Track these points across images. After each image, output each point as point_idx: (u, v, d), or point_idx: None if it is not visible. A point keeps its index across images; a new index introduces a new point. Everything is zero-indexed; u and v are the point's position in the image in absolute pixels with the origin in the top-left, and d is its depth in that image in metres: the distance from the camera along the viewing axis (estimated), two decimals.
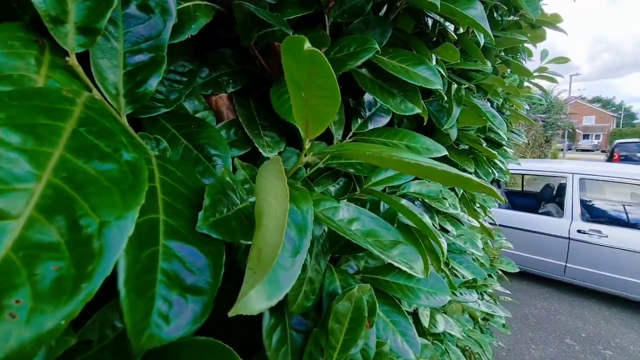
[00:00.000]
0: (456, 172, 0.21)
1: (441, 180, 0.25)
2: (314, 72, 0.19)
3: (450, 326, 0.82)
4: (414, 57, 0.44)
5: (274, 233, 0.17)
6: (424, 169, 0.22)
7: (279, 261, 0.19)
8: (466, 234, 0.88)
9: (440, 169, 0.21)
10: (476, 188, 0.22)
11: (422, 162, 0.21)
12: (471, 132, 0.89)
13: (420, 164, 0.21)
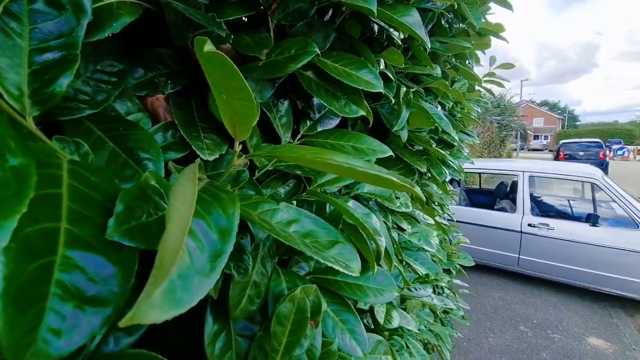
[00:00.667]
0: (375, 172, 0.22)
1: (363, 180, 0.26)
2: (227, 74, 0.19)
3: (407, 321, 0.85)
4: (357, 61, 0.45)
5: (176, 237, 0.16)
6: (345, 170, 0.23)
7: (195, 266, 0.19)
8: (421, 232, 0.92)
9: (360, 170, 0.22)
10: (397, 187, 0.23)
11: (343, 163, 0.22)
12: (423, 134, 0.93)
13: (341, 165, 0.22)
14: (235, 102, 0.21)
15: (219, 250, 0.20)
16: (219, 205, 0.22)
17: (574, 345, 2.84)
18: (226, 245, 0.21)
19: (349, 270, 0.30)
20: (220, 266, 0.20)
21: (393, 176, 0.23)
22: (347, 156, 0.26)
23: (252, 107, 0.22)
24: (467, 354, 2.73)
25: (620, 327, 3.12)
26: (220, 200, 0.23)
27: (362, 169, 0.22)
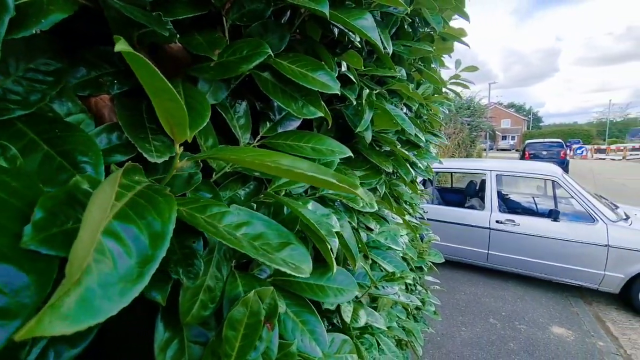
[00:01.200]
0: (312, 173, 0.22)
1: (302, 181, 0.26)
2: (149, 74, 0.18)
3: (376, 319, 0.86)
4: (313, 63, 0.46)
5: (85, 244, 0.16)
6: (283, 171, 0.23)
7: (119, 272, 0.18)
8: (388, 231, 0.94)
9: (297, 171, 0.22)
10: (336, 188, 0.24)
11: (282, 165, 0.22)
12: (389, 135, 0.95)
13: (279, 167, 0.22)
14: (166, 104, 0.21)
15: (150, 255, 0.20)
16: (154, 209, 0.22)
17: (539, 334, 3.00)
18: (158, 251, 0.20)
19: (298, 271, 0.30)
20: (149, 272, 0.19)
21: (332, 177, 0.23)
22: (292, 159, 0.26)
23: (180, 109, 0.21)
24: (441, 348, 2.81)
25: (580, 315, 3.33)
26: (155, 204, 0.22)
27: (298, 170, 0.22)
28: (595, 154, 25.71)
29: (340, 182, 0.24)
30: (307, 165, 0.28)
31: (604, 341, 2.91)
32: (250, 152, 0.25)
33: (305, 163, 0.28)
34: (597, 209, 3.43)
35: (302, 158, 0.29)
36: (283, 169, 0.22)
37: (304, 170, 0.22)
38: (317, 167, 0.28)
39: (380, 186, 1.00)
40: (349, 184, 0.25)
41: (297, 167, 0.22)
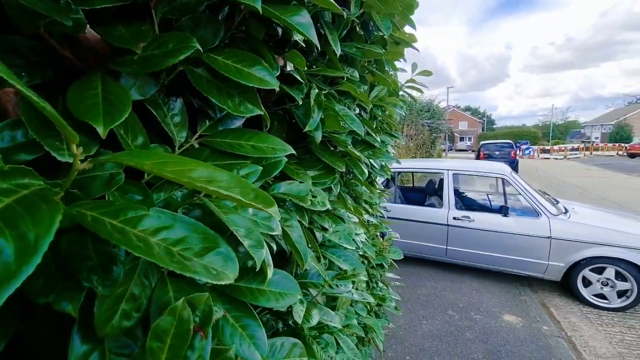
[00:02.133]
0: (214, 188, 0.22)
1: (204, 191, 0.25)
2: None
3: (331, 318, 0.86)
4: (250, 58, 0.45)
5: None
6: (184, 181, 0.22)
7: None
8: (342, 231, 0.95)
9: (167, 174, 0.21)
10: (243, 204, 0.23)
11: (178, 171, 0.21)
12: (342, 136, 0.96)
13: (154, 168, 0.21)
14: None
15: (13, 271, 0.18)
16: (32, 218, 0.19)
17: (492, 323, 3.20)
18: (25, 266, 0.18)
19: (220, 278, 0.29)
20: (8, 290, 0.17)
21: (236, 194, 0.23)
22: (196, 163, 0.25)
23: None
24: (403, 341, 2.90)
25: (528, 303, 3.60)
26: (35, 212, 0.20)
27: (169, 173, 0.21)
28: (541, 153, 28.03)
29: (252, 199, 0.23)
30: (226, 178, 0.27)
31: (548, 325, 3.16)
32: (153, 156, 0.23)
33: (225, 176, 0.27)
34: (541, 204, 3.73)
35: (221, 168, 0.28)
36: (168, 172, 0.21)
37: (204, 184, 0.21)
38: (236, 181, 0.27)
39: (335, 186, 1.01)
40: (262, 201, 0.25)
41: (198, 178, 0.21)
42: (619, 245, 3.28)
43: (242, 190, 0.27)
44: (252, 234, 0.37)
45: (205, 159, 0.46)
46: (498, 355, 2.71)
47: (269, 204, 0.25)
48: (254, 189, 0.27)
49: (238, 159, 0.46)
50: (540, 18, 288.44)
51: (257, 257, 0.34)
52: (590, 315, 3.34)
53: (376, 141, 1.23)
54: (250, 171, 0.45)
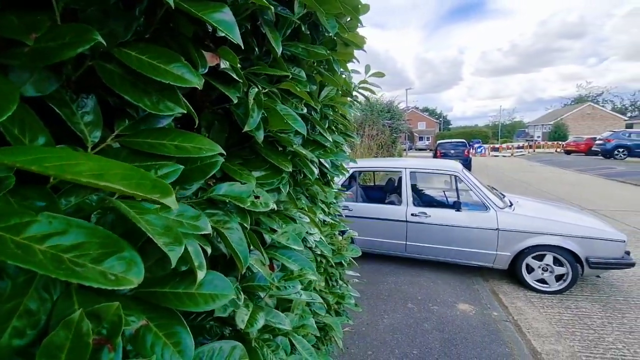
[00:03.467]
0: (73, 173, 0.20)
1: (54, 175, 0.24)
2: None
3: (280, 320, 0.86)
4: (167, 54, 0.42)
5: None
6: (48, 169, 0.20)
7: None
8: (290, 231, 0.94)
9: (48, 170, 0.20)
10: (97, 186, 0.22)
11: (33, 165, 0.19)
12: (289, 135, 0.95)
13: (28, 164, 0.19)
14: None
15: None
16: None
17: (448, 312, 3.37)
18: None
19: (119, 284, 0.27)
20: None
21: (123, 185, 0.22)
22: (87, 157, 0.23)
23: None
24: (366, 337, 2.96)
25: (480, 291, 3.84)
26: None
27: (86, 178, 0.20)
28: (491, 152, 30.13)
29: (148, 190, 0.22)
30: (122, 171, 0.25)
31: (497, 311, 3.40)
32: (27, 153, 0.21)
33: (120, 169, 0.25)
34: (489, 198, 4.00)
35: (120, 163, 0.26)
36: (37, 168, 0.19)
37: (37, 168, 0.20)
38: (134, 174, 0.26)
39: (284, 186, 1.00)
40: (159, 192, 0.23)
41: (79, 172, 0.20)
42: (556, 234, 3.62)
43: (139, 182, 0.25)
44: (170, 232, 0.35)
45: (124, 160, 0.43)
46: (453, 343, 2.86)
47: (165, 194, 0.24)
48: (153, 180, 0.26)
49: (160, 159, 0.44)
50: (488, 25, 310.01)
51: (172, 255, 0.33)
52: (534, 299, 3.64)
53: (327, 141, 1.24)
54: (170, 171, 0.43)
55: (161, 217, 0.37)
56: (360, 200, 4.86)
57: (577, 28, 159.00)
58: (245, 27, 0.71)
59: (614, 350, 2.74)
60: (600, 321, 3.17)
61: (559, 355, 2.72)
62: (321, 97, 1.23)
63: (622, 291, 3.74)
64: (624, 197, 8.93)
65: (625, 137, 19.04)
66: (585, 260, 3.51)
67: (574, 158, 22.00)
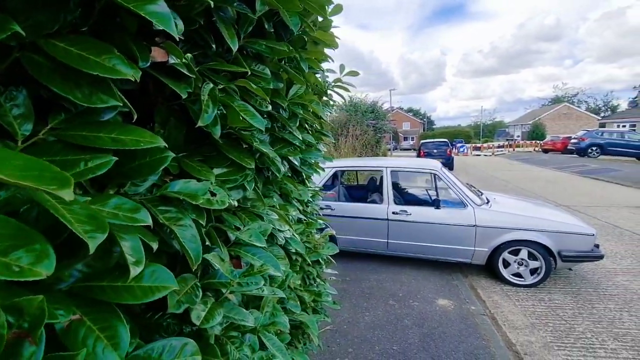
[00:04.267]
0: None
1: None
2: None
3: (243, 317, 0.85)
4: (99, 46, 0.42)
5: None
6: None
7: None
8: (253, 229, 0.94)
9: None
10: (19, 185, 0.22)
11: None
12: (254, 132, 0.96)
13: None
14: None
15: None
16: None
17: (428, 308, 3.43)
18: None
19: (24, 275, 0.27)
20: None
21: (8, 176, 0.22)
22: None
23: None
24: (347, 334, 2.98)
25: (459, 287, 3.93)
26: None
27: None
28: (473, 151, 30.85)
29: (35, 181, 0.22)
30: (22, 162, 0.25)
31: (475, 305, 3.49)
32: None
33: (21, 160, 0.25)
34: (467, 196, 4.10)
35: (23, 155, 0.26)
36: None
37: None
38: (33, 165, 0.26)
39: (249, 183, 1.00)
40: (56, 183, 0.23)
41: None
42: (530, 229, 3.74)
43: (40, 174, 0.25)
44: (94, 220, 0.35)
45: (55, 153, 0.42)
46: (432, 337, 2.91)
47: (63, 186, 0.24)
48: (55, 173, 0.26)
49: (95, 152, 0.44)
50: (469, 28, 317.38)
51: (91, 242, 0.32)
52: (510, 293, 3.75)
53: (296, 138, 1.25)
54: (101, 162, 0.42)
55: (88, 207, 0.37)
56: (342, 199, 4.88)
57: (554, 31, 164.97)
58: (199, 22, 0.71)
59: (583, 340, 2.85)
60: (571, 312, 3.30)
61: (532, 345, 2.82)
62: (290, 95, 1.24)
63: (592, 283, 3.90)
64: (596, 193, 9.32)
65: (598, 136, 19.87)
66: (558, 254, 3.64)
67: (550, 156, 22.79)
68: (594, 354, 2.67)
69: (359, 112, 13.50)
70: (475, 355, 2.68)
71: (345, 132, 11.32)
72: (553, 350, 2.74)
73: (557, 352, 2.71)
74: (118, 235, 0.45)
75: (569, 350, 2.73)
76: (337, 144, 11.05)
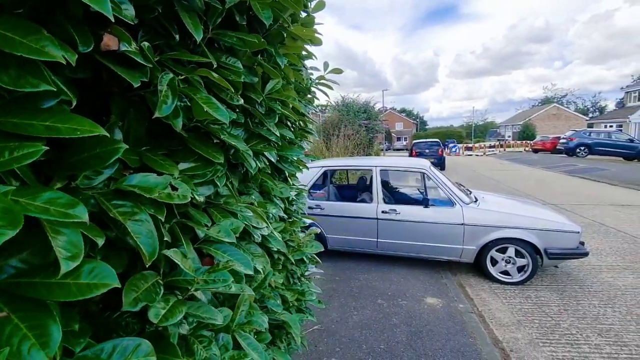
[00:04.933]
0: None
1: None
2: None
3: (212, 315, 0.83)
4: (27, 27, 0.39)
5: None
6: None
7: None
8: (223, 225, 0.92)
9: None
10: None
11: None
12: (222, 126, 0.93)
13: None
14: None
15: None
16: None
17: (416, 306, 3.43)
18: None
19: None
20: None
21: None
22: None
23: None
24: (335, 334, 2.97)
25: (448, 285, 3.94)
26: None
27: None
28: (465, 151, 31.13)
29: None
30: None
31: (463, 303, 3.50)
32: None
33: None
34: (455, 194, 4.11)
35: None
36: None
37: None
38: None
39: (220, 179, 0.98)
40: None
41: None
42: (517, 227, 3.77)
43: None
44: (8, 215, 0.32)
45: None
46: (419, 336, 2.91)
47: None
48: None
49: (27, 140, 0.41)
50: (462, 29, 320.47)
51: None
52: (497, 291, 3.77)
53: (272, 134, 1.23)
54: (28, 151, 0.40)
55: (4, 200, 0.34)
56: (332, 199, 4.87)
57: (544, 32, 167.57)
58: (158, 10, 0.68)
59: (568, 336, 2.88)
60: (557, 309, 3.33)
61: (518, 342, 2.83)
62: (266, 90, 1.22)
63: (578, 280, 3.95)
64: (584, 192, 9.47)
65: (586, 136, 20.21)
66: (544, 251, 3.68)
67: (540, 156, 23.11)
68: (578, 350, 2.69)
69: (351, 112, 13.51)
70: (462, 352, 2.68)
71: (337, 132, 11.31)
72: (538, 346, 2.76)
73: (542, 348, 2.73)
74: (51, 230, 0.42)
75: (554, 346, 2.75)
76: (329, 144, 11.04)
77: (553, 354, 2.65)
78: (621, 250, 4.83)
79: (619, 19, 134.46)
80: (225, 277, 0.82)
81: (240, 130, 1.11)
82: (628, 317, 3.13)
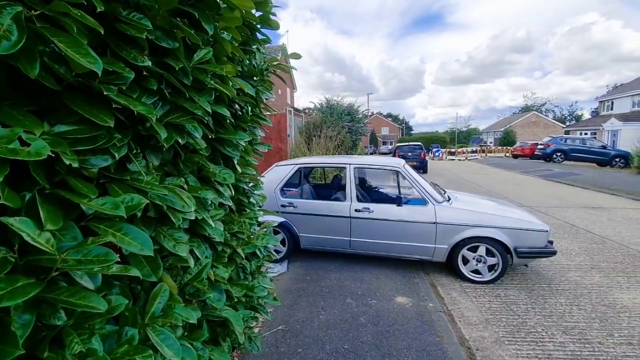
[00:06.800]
0: None
1: None
2: None
3: (90, 302, 0.71)
4: None
5: None
6: None
7: None
8: (110, 199, 0.80)
9: None
10: None
11: None
12: (112, 84, 0.82)
13: None
14: None
15: None
16: None
17: (386, 305, 3.35)
18: None
19: None
20: None
21: None
22: None
23: None
24: (298, 334, 2.85)
25: (419, 284, 3.88)
26: None
27: None
28: (448, 155, 31.65)
29: None
30: None
31: (433, 302, 3.44)
32: None
33: None
34: (428, 193, 4.08)
35: None
36: None
37: None
38: None
39: (119, 149, 0.85)
40: None
41: None
42: (488, 226, 3.76)
43: None
44: None
45: None
46: (385, 335, 2.83)
47: None
48: None
49: None
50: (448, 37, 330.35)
51: None
52: (468, 290, 3.74)
53: (199, 109, 1.11)
54: None
55: None
56: (306, 197, 4.76)
57: (526, 43, 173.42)
58: None
59: (534, 334, 2.85)
60: (524, 307, 3.31)
61: (484, 341, 2.79)
62: (195, 60, 1.10)
63: (547, 278, 3.97)
64: (558, 195, 9.70)
65: (562, 142, 20.87)
66: (514, 250, 3.68)
67: (519, 161, 23.68)
68: (543, 348, 2.66)
69: (335, 113, 13.47)
70: (427, 352, 2.61)
71: (318, 133, 11.23)
72: (504, 345, 2.72)
73: (508, 346, 2.69)
74: None
75: (519, 344, 2.71)
76: (310, 145, 10.94)
77: (518, 352, 2.61)
78: (589, 250, 4.91)
79: (595, 33, 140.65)
80: (108, 257, 0.70)
81: (153, 99, 0.99)
82: (593, 315, 3.14)
